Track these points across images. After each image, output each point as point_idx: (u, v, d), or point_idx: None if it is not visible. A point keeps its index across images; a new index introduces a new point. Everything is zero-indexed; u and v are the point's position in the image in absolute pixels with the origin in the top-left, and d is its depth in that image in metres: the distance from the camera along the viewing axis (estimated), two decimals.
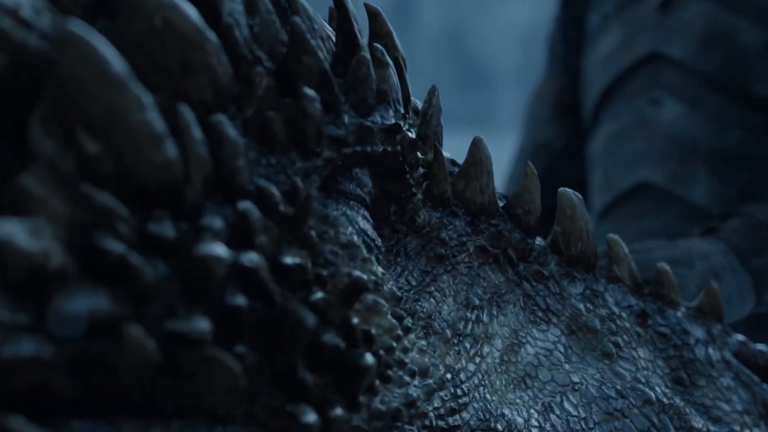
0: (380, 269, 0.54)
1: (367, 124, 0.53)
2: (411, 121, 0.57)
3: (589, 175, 1.43)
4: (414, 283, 0.58)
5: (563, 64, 1.54)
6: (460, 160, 0.66)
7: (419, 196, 0.59)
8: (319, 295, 0.49)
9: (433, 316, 0.57)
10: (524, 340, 0.62)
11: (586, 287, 0.66)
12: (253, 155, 0.49)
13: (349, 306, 0.50)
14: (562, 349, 0.63)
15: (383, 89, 0.54)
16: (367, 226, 0.54)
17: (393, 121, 0.54)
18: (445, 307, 0.59)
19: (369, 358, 0.49)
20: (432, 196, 0.61)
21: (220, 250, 0.43)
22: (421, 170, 0.59)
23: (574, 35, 1.52)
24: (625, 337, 0.66)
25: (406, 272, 0.58)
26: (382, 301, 0.52)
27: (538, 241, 0.66)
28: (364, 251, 0.52)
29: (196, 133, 0.44)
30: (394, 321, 0.53)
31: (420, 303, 0.57)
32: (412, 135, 0.56)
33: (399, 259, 0.58)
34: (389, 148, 0.55)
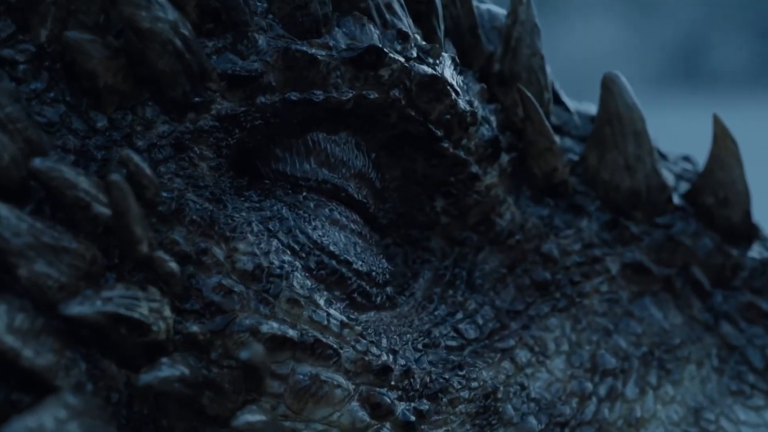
0: (340, 316, 0.29)
1: (303, 49, 0.29)
2: (427, 47, 0.32)
3: None
4: (473, 335, 0.33)
5: None
6: None
7: (490, 180, 0.34)
8: (181, 371, 0.26)
9: (502, 393, 0.32)
10: (715, 427, 0.35)
11: None
12: (53, 113, 0.27)
13: (255, 389, 0.27)
14: None
15: None
16: (337, 237, 0.30)
17: (371, 42, 0.30)
18: (543, 375, 0.34)
19: None
20: (533, 180, 0.35)
21: None
22: (485, 134, 0.34)
23: None
24: None
25: (457, 316, 0.33)
26: (336, 377, 0.28)
27: (754, 251, 0.38)
28: (298, 285, 0.28)
29: None
30: (362, 413, 0.29)
31: (475, 370, 0.32)
32: (426, 69, 0.31)
33: (450, 292, 0.33)
34: (372, 95, 0.30)
